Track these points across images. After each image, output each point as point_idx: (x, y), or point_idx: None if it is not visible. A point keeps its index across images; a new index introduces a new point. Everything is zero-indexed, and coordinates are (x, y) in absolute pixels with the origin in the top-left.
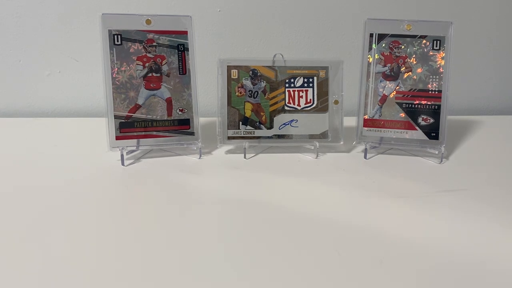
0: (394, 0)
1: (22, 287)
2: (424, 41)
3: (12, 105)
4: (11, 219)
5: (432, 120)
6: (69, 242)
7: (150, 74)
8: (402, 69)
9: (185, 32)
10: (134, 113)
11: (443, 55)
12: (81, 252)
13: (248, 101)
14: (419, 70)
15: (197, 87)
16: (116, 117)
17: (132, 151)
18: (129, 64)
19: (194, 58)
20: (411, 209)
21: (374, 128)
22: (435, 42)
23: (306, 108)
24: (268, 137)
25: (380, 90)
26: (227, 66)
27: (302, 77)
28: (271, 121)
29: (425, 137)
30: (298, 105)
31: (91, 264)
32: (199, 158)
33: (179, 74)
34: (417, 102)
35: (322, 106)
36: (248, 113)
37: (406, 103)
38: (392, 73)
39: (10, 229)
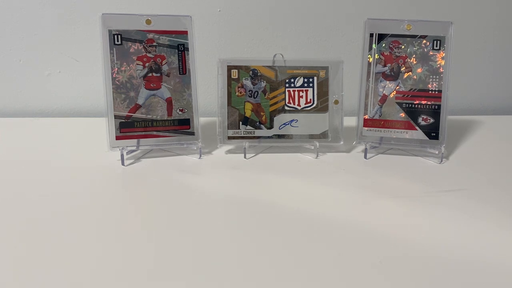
0: (394, 0)
1: (22, 286)
2: (424, 41)
3: (12, 105)
4: (11, 219)
5: (432, 120)
6: (69, 242)
7: (150, 74)
8: (402, 69)
9: (185, 32)
10: (134, 113)
11: (443, 55)
12: (81, 252)
13: (248, 101)
14: (419, 70)
15: (197, 87)
16: (116, 117)
17: (132, 151)
18: (129, 64)
19: (194, 58)
20: (411, 209)
21: (374, 128)
22: (435, 42)
23: (306, 108)
24: (268, 137)
25: (380, 90)
26: (227, 66)
27: (302, 77)
28: (271, 121)
29: (425, 137)
30: (298, 105)
31: (91, 264)
32: (199, 158)
33: (179, 74)
34: (417, 102)
35: (322, 106)
36: (248, 113)
37: (406, 103)
38: (392, 73)
39: (10, 229)
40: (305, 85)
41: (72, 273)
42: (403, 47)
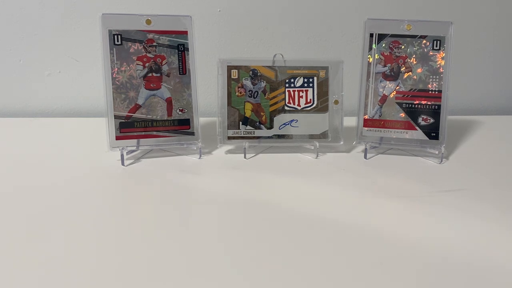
0: (394, 0)
1: (22, 286)
2: (424, 41)
3: (12, 105)
4: (11, 219)
5: (432, 120)
6: (69, 242)
7: (150, 74)
8: (402, 69)
9: (185, 32)
10: (134, 113)
11: (443, 55)
12: (81, 252)
13: (248, 101)
14: (419, 70)
15: (197, 87)
16: (116, 117)
17: (132, 151)
18: (129, 64)
19: (194, 58)
20: (411, 209)
21: (374, 128)
22: (435, 42)
23: (306, 108)
24: (268, 137)
25: (380, 90)
26: (227, 66)
27: (302, 77)
28: (271, 121)
29: (425, 137)
30: (298, 105)
31: (91, 264)
32: (199, 158)
33: (179, 74)
34: (417, 102)
35: (322, 106)
36: (248, 113)
37: (406, 103)
38: (392, 73)
39: (10, 229)
40: (305, 85)
41: (71, 273)
42: (403, 47)
